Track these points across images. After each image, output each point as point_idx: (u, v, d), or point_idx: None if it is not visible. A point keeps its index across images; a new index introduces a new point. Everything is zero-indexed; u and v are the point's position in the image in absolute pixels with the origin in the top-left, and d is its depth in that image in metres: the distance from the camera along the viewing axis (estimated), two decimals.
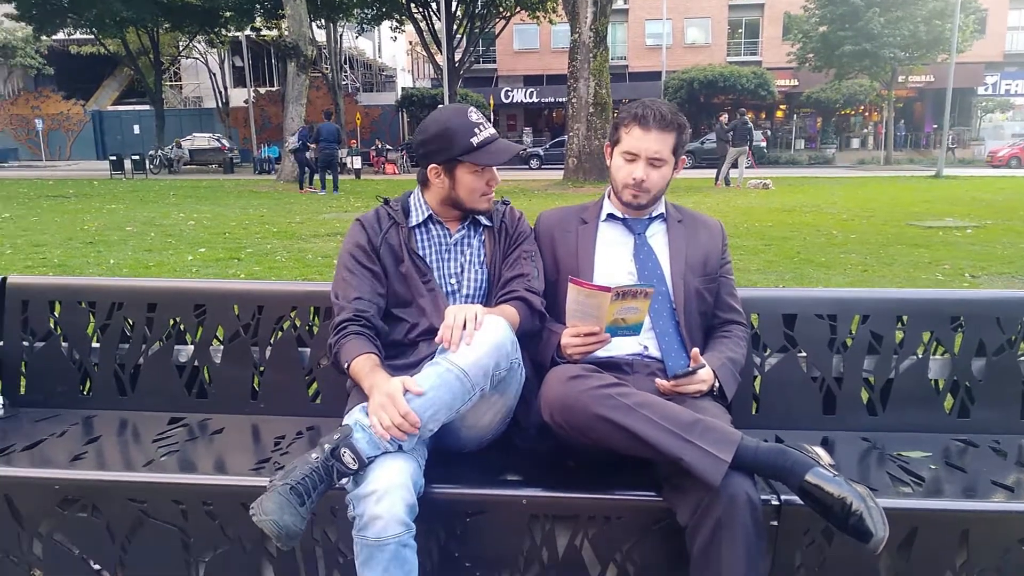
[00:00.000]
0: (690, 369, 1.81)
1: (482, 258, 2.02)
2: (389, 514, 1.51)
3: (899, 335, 2.20)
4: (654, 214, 2.07)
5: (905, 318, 2.20)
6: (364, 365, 1.74)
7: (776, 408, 2.20)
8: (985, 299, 2.23)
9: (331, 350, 1.85)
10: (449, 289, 1.97)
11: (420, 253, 1.97)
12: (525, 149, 32.42)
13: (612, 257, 2.02)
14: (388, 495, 1.52)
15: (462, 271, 1.99)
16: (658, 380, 1.83)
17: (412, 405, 1.59)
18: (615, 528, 1.73)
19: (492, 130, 1.93)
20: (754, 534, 1.52)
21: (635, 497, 1.72)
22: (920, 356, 2.19)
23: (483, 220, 2.03)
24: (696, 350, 1.85)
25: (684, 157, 2.05)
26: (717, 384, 1.84)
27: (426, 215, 2.00)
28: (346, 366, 1.78)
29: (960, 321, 2.19)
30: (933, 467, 1.91)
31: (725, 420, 1.71)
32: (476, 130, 1.89)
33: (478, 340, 1.66)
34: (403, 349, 1.93)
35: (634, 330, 1.79)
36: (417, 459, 1.65)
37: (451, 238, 2.01)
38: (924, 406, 2.18)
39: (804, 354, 2.20)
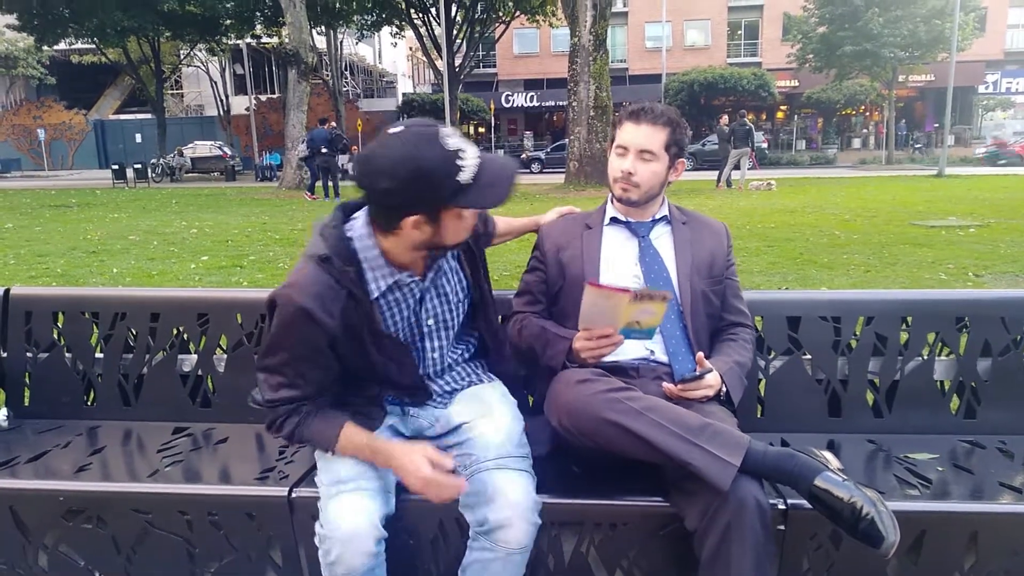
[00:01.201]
0: (697, 373, 1.80)
1: (462, 280, 1.78)
2: (358, 553, 1.52)
3: (904, 336, 2.19)
4: (657, 216, 2.05)
5: (909, 319, 2.19)
6: (357, 442, 1.60)
7: (781, 411, 2.19)
8: (990, 299, 2.22)
9: (292, 439, 1.64)
10: (428, 329, 1.73)
11: (388, 331, 1.65)
12: (524, 155, 32.29)
13: (617, 261, 2.00)
14: (355, 541, 1.52)
15: (447, 307, 1.74)
16: (665, 384, 1.82)
17: None
18: (622, 534, 1.73)
19: (474, 149, 1.48)
20: (763, 539, 1.51)
21: (642, 502, 1.71)
22: (925, 357, 2.18)
23: None
24: (701, 354, 1.84)
25: (683, 160, 2.03)
26: (724, 389, 1.84)
27: (391, 282, 1.61)
28: (331, 453, 1.63)
29: (965, 321, 2.18)
30: (940, 469, 1.90)
31: (732, 424, 1.70)
32: (458, 160, 1.43)
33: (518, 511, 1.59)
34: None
35: (648, 334, 1.76)
36: (383, 490, 1.62)
37: (423, 284, 1.68)
38: (930, 407, 2.17)
39: (809, 356, 2.19)
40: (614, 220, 2.06)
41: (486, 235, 1.96)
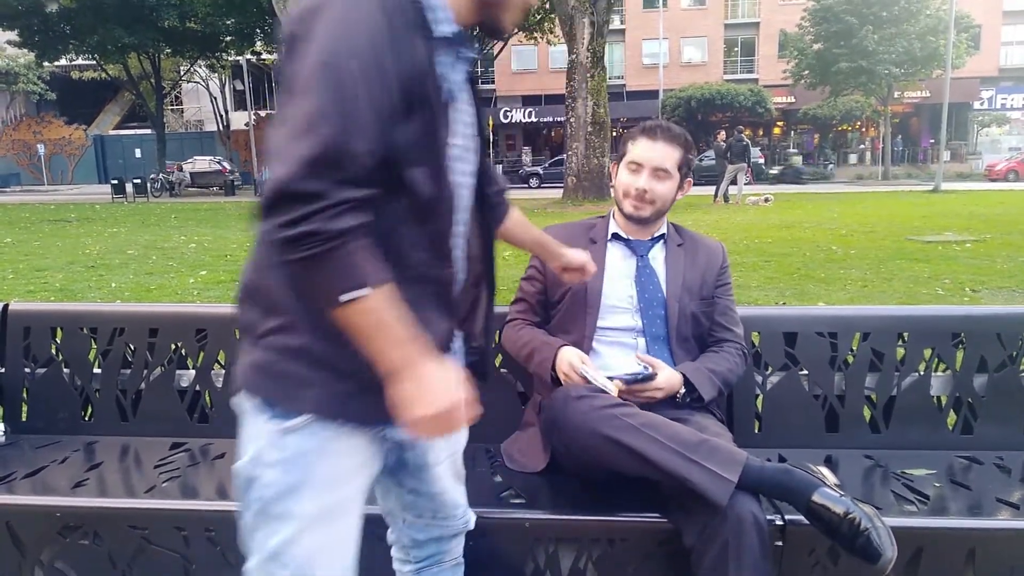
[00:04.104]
0: (647, 373, 1.81)
1: (473, 114, 1.23)
2: None
3: (900, 352, 2.20)
4: (656, 235, 2.06)
5: (906, 335, 2.20)
6: (393, 311, 0.99)
7: (778, 427, 2.19)
8: (985, 315, 2.23)
9: (317, 237, 0.95)
10: (454, 151, 1.14)
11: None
12: (522, 170, 32.12)
13: (615, 278, 2.01)
14: None
15: (468, 129, 1.21)
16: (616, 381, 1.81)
17: None
18: (620, 550, 1.72)
19: None
20: (760, 555, 1.51)
21: (640, 518, 1.71)
22: (922, 373, 2.19)
23: None
24: (648, 357, 1.87)
25: (690, 180, 2.03)
26: (682, 391, 1.84)
27: (450, 32, 1.10)
28: (367, 289, 0.96)
29: (961, 337, 2.19)
30: (937, 485, 1.90)
31: (727, 439, 1.70)
32: None
33: None
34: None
35: None
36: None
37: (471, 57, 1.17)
38: (927, 423, 2.17)
39: (805, 372, 2.20)
40: (615, 236, 2.07)
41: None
